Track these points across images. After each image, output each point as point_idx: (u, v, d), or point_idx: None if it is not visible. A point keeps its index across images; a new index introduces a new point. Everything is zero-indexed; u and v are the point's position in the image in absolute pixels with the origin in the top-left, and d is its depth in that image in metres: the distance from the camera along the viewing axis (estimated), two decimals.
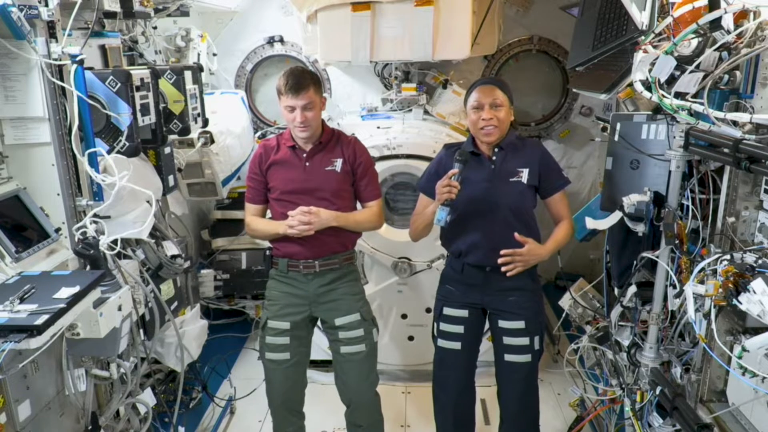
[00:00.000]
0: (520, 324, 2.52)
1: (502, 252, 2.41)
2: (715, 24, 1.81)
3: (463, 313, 2.60)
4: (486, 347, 2.75)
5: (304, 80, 2.42)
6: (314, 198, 2.52)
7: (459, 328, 2.61)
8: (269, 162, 2.58)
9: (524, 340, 2.52)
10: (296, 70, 2.48)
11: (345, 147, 2.60)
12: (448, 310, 2.63)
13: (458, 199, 2.41)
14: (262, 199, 2.64)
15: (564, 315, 3.26)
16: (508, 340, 2.55)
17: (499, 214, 2.46)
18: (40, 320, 1.59)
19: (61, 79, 2.07)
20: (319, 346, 3.42)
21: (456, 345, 2.62)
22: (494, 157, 2.51)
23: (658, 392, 2.33)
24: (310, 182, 2.54)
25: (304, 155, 2.56)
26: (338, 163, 2.57)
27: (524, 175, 2.48)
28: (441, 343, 2.66)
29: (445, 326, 2.64)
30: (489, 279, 2.53)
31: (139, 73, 2.39)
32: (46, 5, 1.96)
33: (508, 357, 2.56)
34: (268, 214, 2.69)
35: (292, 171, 2.55)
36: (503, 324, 2.55)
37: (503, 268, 2.43)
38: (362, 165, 2.62)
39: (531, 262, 2.46)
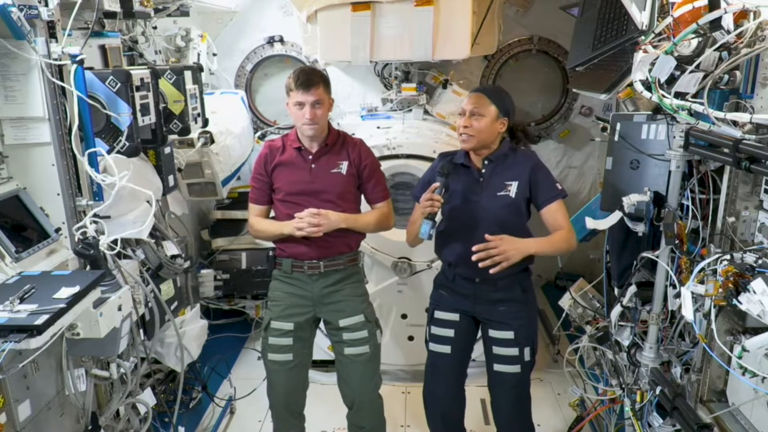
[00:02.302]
0: (509, 334, 2.49)
1: (475, 248, 2.31)
2: (715, 24, 1.81)
3: (454, 316, 2.59)
4: (482, 348, 2.75)
5: (315, 77, 2.44)
6: (319, 200, 2.51)
7: (449, 332, 2.60)
8: (274, 163, 2.57)
9: (513, 351, 2.50)
10: (306, 68, 2.51)
11: (351, 149, 2.60)
12: (439, 314, 2.62)
13: (447, 211, 2.43)
14: (266, 199, 2.63)
15: (564, 315, 3.26)
16: (497, 350, 2.53)
17: (486, 227, 2.41)
18: (40, 320, 1.59)
19: (61, 79, 2.07)
20: (319, 346, 3.42)
21: (446, 349, 2.61)
22: (483, 170, 2.48)
23: (658, 392, 2.33)
24: (315, 184, 2.53)
25: (310, 157, 2.55)
26: (344, 166, 2.56)
27: (513, 188, 2.42)
28: (432, 346, 2.66)
29: (436, 329, 2.63)
30: (479, 290, 2.51)
31: (139, 73, 2.38)
32: (46, 5, 1.96)
33: (497, 367, 2.54)
34: (272, 214, 2.68)
35: (298, 172, 2.55)
36: (493, 333, 2.53)
37: (480, 264, 2.31)
38: (368, 167, 2.61)
39: (512, 256, 2.30)
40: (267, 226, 2.61)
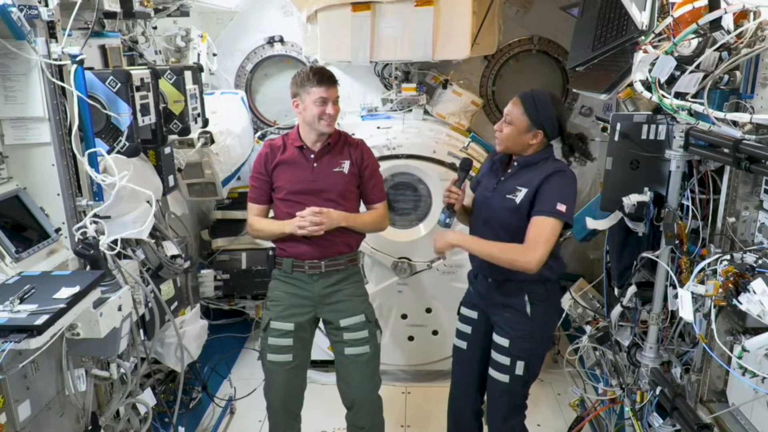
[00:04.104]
0: (504, 342, 2.44)
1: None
2: (715, 24, 1.81)
3: (473, 314, 2.60)
4: None
5: (333, 75, 2.48)
6: (321, 199, 2.51)
7: (467, 328, 2.61)
8: (276, 162, 2.56)
9: (504, 359, 2.44)
10: (320, 66, 2.52)
11: (352, 149, 2.60)
12: (463, 309, 2.65)
13: (473, 205, 2.52)
14: (266, 199, 2.62)
15: (564, 315, 3.26)
16: (492, 354, 2.50)
17: (492, 227, 2.41)
18: (40, 320, 1.59)
19: (61, 79, 2.07)
20: (319, 346, 3.42)
21: (462, 344, 2.64)
22: (510, 171, 2.44)
23: (658, 392, 2.33)
24: (317, 183, 2.53)
25: (312, 156, 2.55)
26: (346, 165, 2.56)
27: (521, 195, 2.31)
28: (454, 340, 2.69)
29: (459, 325, 2.66)
30: (490, 290, 2.48)
31: (139, 73, 2.38)
32: (46, 5, 1.96)
33: (490, 371, 2.52)
34: (271, 213, 2.68)
35: (300, 172, 2.54)
36: (494, 337, 2.51)
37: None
38: (369, 167, 2.62)
39: (437, 243, 2.43)
40: (267, 226, 2.61)
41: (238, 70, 4.52)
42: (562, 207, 2.22)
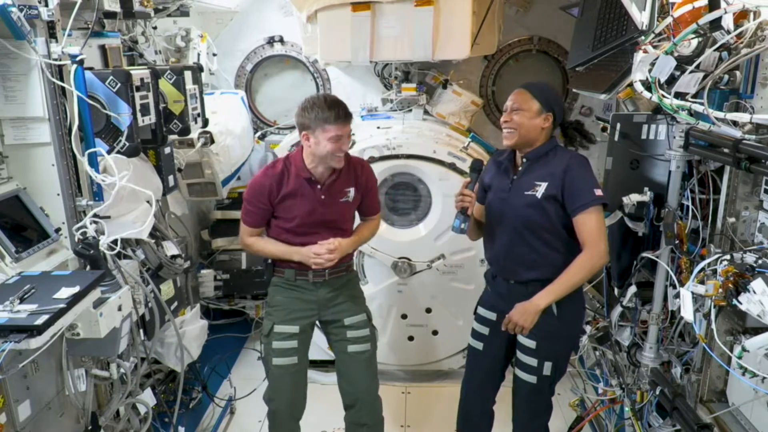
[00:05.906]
0: (531, 343, 2.40)
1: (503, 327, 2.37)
2: (715, 24, 1.81)
3: (491, 315, 2.56)
4: None
5: (348, 109, 2.40)
6: (328, 228, 2.54)
7: (485, 330, 2.58)
8: (282, 195, 2.49)
9: (532, 361, 2.42)
10: (334, 98, 2.40)
11: (357, 171, 2.58)
12: (480, 310, 2.63)
13: (485, 209, 2.50)
14: (264, 223, 2.60)
15: None
16: (519, 355, 2.48)
17: (512, 227, 2.38)
18: (40, 320, 1.59)
19: (61, 79, 2.07)
20: (319, 346, 3.42)
21: (479, 345, 2.61)
22: (520, 168, 2.41)
23: (658, 392, 2.33)
24: (326, 215, 2.53)
25: (319, 187, 2.50)
26: (351, 193, 2.57)
27: (541, 189, 2.28)
28: (470, 341, 2.67)
29: (475, 325, 2.64)
30: (513, 292, 2.43)
31: (139, 73, 2.38)
32: (46, 5, 1.96)
33: (517, 371, 2.50)
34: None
35: (308, 204, 2.50)
36: (519, 338, 2.45)
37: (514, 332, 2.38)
38: (371, 190, 2.68)
39: (525, 322, 2.29)
40: (272, 249, 2.57)
41: (238, 70, 4.52)
42: (599, 192, 2.25)
